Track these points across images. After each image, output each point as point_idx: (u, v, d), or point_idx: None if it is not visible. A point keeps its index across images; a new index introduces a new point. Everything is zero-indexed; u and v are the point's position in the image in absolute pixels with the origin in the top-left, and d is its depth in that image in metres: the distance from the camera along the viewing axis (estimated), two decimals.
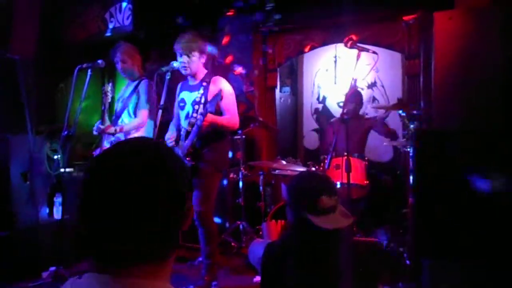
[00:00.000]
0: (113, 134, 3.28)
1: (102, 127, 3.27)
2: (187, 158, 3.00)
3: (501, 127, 2.24)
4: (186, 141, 3.00)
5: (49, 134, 3.85)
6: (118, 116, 3.44)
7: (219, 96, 2.90)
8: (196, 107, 2.97)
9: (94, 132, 3.34)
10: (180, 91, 3.20)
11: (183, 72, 3.05)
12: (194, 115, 2.97)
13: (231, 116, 3.03)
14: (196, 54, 3.02)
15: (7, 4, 4.26)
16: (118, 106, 3.57)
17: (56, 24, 4.72)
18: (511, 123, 2.31)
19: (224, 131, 3.08)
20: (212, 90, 2.99)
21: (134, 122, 3.41)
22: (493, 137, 2.16)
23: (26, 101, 3.59)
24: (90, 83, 3.23)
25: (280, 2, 4.34)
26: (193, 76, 3.09)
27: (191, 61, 3.01)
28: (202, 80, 3.06)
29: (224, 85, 3.05)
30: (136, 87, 3.48)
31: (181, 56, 3.01)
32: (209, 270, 3.02)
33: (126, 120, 3.47)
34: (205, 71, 3.13)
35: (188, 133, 3.00)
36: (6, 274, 3.11)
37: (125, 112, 3.46)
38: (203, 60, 3.09)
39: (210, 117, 2.88)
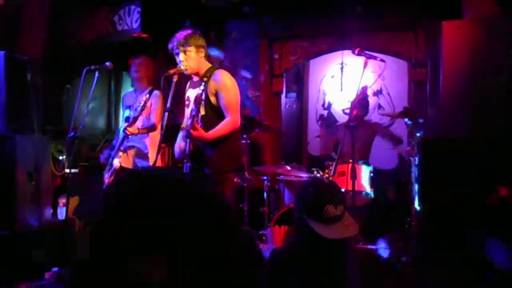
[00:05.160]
0: (134, 134, 3.40)
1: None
2: (189, 162, 2.87)
3: (509, 136, 2.23)
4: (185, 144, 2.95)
5: (55, 135, 3.87)
6: (135, 114, 3.45)
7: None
8: (198, 105, 2.92)
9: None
10: (187, 90, 3.14)
11: (185, 72, 2.95)
12: (193, 113, 2.89)
13: (230, 117, 2.87)
14: (192, 49, 2.91)
15: (17, 6, 4.30)
16: (131, 114, 3.62)
17: (64, 26, 4.76)
18: None
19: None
20: (212, 86, 2.90)
21: (149, 126, 3.63)
22: (501, 146, 2.16)
23: (33, 101, 3.61)
24: (97, 85, 3.25)
25: (287, 8, 4.36)
26: (197, 74, 3.00)
27: (189, 58, 2.91)
28: (203, 75, 2.96)
29: (224, 79, 2.91)
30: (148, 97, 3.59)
31: (177, 55, 2.94)
32: None
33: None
34: (208, 65, 3.02)
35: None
36: (9, 274, 3.11)
37: (139, 120, 3.52)
38: (201, 54, 2.97)
39: (196, 133, 2.73)
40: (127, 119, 3.63)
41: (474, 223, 2.16)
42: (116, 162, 3.44)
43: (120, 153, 3.48)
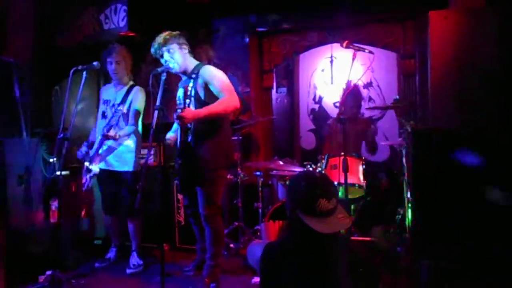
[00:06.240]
0: (114, 139, 3.32)
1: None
2: (179, 159, 2.91)
3: (496, 125, 2.25)
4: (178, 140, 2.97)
5: (45, 137, 3.83)
6: (113, 121, 3.38)
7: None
8: (188, 101, 2.92)
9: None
10: (177, 90, 3.15)
11: (172, 71, 2.97)
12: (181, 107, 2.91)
13: (227, 96, 2.84)
14: (175, 47, 2.95)
15: (2, 8, 4.24)
16: (107, 110, 3.56)
17: (51, 27, 4.69)
18: (506, 122, 2.32)
19: (220, 121, 2.93)
20: (201, 80, 2.92)
21: (129, 129, 3.47)
22: (489, 135, 2.17)
23: (21, 104, 3.57)
24: (85, 85, 3.21)
25: (276, 2, 4.34)
26: (184, 72, 3.02)
27: (174, 55, 2.95)
28: (191, 72, 2.99)
29: (212, 71, 2.93)
30: (127, 93, 3.50)
31: (162, 57, 2.97)
32: (211, 271, 3.00)
33: (121, 126, 3.49)
34: (195, 62, 3.05)
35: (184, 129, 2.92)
36: (2, 278, 3.08)
37: (120, 119, 3.46)
38: (185, 51, 3.01)
39: (190, 112, 2.77)
40: (103, 114, 3.57)
41: (467, 216, 2.18)
42: (95, 168, 3.41)
43: (99, 158, 3.43)
